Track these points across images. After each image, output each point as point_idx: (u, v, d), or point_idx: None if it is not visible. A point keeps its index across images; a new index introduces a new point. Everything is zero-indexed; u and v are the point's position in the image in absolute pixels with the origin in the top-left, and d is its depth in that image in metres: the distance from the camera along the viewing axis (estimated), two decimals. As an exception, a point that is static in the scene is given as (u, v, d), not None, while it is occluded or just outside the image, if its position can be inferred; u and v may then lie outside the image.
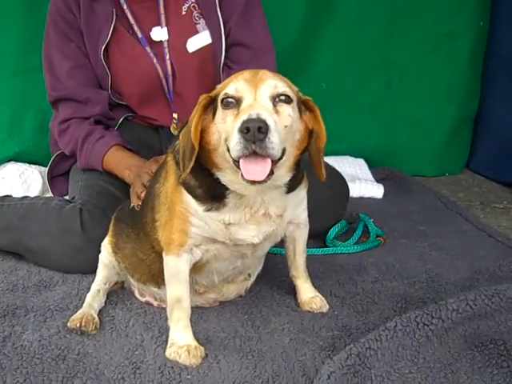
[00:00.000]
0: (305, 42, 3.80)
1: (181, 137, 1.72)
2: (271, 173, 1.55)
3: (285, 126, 1.59)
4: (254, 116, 1.49)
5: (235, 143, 1.50)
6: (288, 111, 1.61)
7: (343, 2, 3.77)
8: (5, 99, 3.32)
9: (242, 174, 1.54)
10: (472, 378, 1.63)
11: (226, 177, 1.68)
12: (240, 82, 1.61)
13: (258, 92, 1.59)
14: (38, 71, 2.79)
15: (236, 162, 1.56)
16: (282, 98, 1.61)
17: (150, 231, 1.88)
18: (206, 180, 1.71)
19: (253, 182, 1.54)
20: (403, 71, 3.93)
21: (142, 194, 2.07)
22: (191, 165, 1.63)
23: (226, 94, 1.61)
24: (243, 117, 1.51)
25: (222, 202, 1.72)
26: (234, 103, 1.60)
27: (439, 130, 3.99)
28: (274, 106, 1.59)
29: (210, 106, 1.67)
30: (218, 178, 1.69)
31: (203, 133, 1.66)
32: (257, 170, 1.53)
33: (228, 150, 1.58)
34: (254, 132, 1.47)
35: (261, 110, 1.53)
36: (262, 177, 1.53)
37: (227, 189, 1.70)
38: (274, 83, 1.61)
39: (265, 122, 1.48)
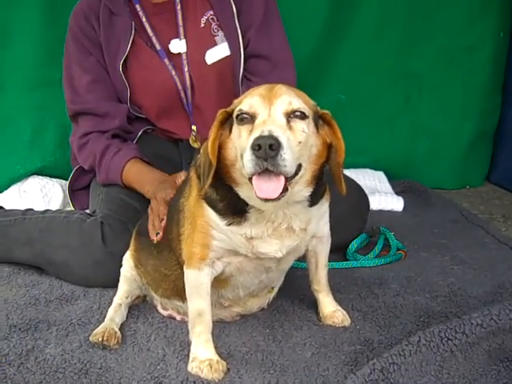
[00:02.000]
0: (324, 54, 3.80)
1: (201, 151, 1.72)
2: (285, 190, 1.54)
3: (299, 143, 1.58)
4: (266, 133, 1.48)
5: (247, 160, 1.50)
6: (302, 127, 1.60)
7: (362, 14, 3.77)
8: (26, 113, 3.35)
9: (255, 192, 1.54)
10: (497, 393, 1.62)
11: (243, 192, 1.68)
12: (255, 98, 1.61)
13: (272, 108, 1.58)
14: (58, 84, 2.81)
15: (250, 179, 1.56)
16: (297, 114, 1.60)
17: (176, 246, 1.88)
18: (227, 194, 1.71)
19: (266, 200, 1.53)
20: (422, 83, 3.91)
21: (163, 223, 2.04)
22: (209, 180, 1.63)
23: (240, 110, 1.61)
24: (255, 134, 1.50)
25: (243, 216, 1.72)
26: (248, 119, 1.60)
27: (459, 143, 3.97)
28: (288, 122, 1.58)
29: (227, 121, 1.68)
30: (238, 193, 1.69)
31: (221, 148, 1.67)
32: (270, 188, 1.52)
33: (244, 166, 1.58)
34: (266, 149, 1.46)
35: (273, 126, 1.52)
36: (275, 195, 1.52)
37: (248, 204, 1.70)
38: (288, 99, 1.60)
39: (276, 139, 1.47)
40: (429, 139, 3.97)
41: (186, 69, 2.60)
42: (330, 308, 2.05)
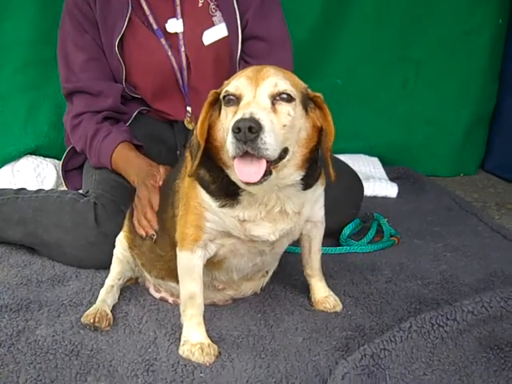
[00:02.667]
0: (321, 38, 3.79)
1: (194, 133, 1.71)
2: (268, 173, 1.53)
3: (283, 126, 1.56)
4: (247, 115, 1.47)
5: (229, 143, 1.49)
6: (287, 110, 1.58)
7: (360, 1, 3.75)
8: (19, 92, 3.29)
9: (237, 175, 1.53)
10: (487, 381, 1.62)
11: (233, 175, 1.66)
12: (241, 80, 1.59)
13: (258, 90, 1.57)
14: (53, 63, 2.78)
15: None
16: (283, 96, 1.58)
17: (170, 227, 1.88)
18: (219, 176, 1.70)
19: (247, 184, 1.52)
20: (420, 69, 3.91)
21: (154, 225, 2.03)
22: (197, 161, 1.63)
23: (226, 91, 1.60)
24: (237, 116, 1.49)
25: (235, 199, 1.71)
26: (234, 101, 1.58)
27: (455, 130, 3.97)
28: (273, 104, 1.57)
29: (218, 103, 1.67)
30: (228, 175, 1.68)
31: (210, 129, 1.66)
32: (250, 171, 1.51)
33: None
34: (245, 132, 1.44)
35: (256, 109, 1.50)
36: (256, 178, 1.51)
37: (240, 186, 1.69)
38: (274, 81, 1.58)
39: (257, 122, 1.45)
40: (425, 126, 3.98)
41: (182, 49, 2.58)
42: (322, 293, 2.05)
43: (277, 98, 1.57)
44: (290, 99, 1.59)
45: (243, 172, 1.51)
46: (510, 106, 3.92)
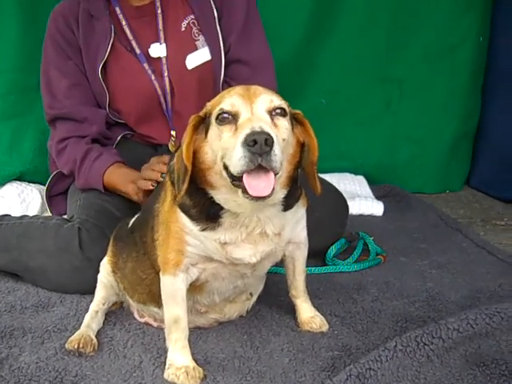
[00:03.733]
0: (304, 58, 3.81)
1: (175, 159, 1.71)
2: (273, 189, 1.54)
3: (283, 139, 1.59)
4: (258, 129, 1.48)
5: (239, 158, 1.48)
6: (284, 124, 1.61)
7: (342, 19, 3.78)
8: (3, 118, 3.30)
9: (243, 191, 1.53)
10: (473, 398, 1.62)
11: (220, 195, 1.66)
12: (235, 97, 1.60)
13: (254, 106, 1.58)
14: (36, 90, 2.79)
15: (235, 181, 1.55)
16: (278, 111, 1.60)
17: (151, 251, 1.87)
18: (201, 200, 1.70)
19: (258, 198, 1.53)
20: (403, 87, 3.93)
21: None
22: (185, 186, 1.62)
23: (221, 109, 1.59)
24: (245, 130, 1.49)
25: (216, 221, 1.71)
26: (229, 119, 1.58)
27: (439, 147, 3.99)
28: (272, 119, 1.59)
29: (202, 126, 1.66)
30: (212, 198, 1.68)
31: (196, 153, 1.65)
32: (260, 185, 1.51)
33: (225, 168, 1.57)
34: (261, 144, 1.46)
35: (262, 123, 1.52)
36: (267, 192, 1.51)
37: (222, 208, 1.69)
38: (269, 97, 1.60)
39: (269, 135, 1.47)
40: (410, 143, 3.99)
41: (165, 73, 2.59)
42: (307, 314, 2.04)
43: (273, 113, 1.60)
44: (284, 114, 1.62)
45: (253, 186, 1.51)
46: (493, 121, 3.95)
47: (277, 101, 1.61)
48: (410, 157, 4.00)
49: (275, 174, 1.53)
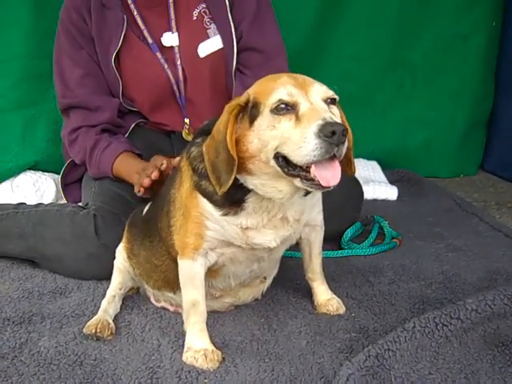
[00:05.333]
0: (316, 44, 3.79)
1: (205, 149, 1.67)
2: None
3: None
4: (330, 119, 1.48)
5: (313, 148, 1.48)
6: (338, 113, 1.63)
7: (354, 4, 3.76)
8: (15, 108, 3.29)
9: (305, 180, 1.54)
10: (493, 378, 1.61)
11: (257, 180, 1.65)
12: (289, 87, 1.58)
13: (309, 96, 1.57)
14: (49, 77, 2.79)
15: (290, 170, 1.56)
16: (329, 100, 1.61)
17: (166, 237, 1.87)
18: None
19: (326, 188, 1.53)
20: (416, 72, 3.92)
21: (153, 175, 2.16)
22: (232, 177, 1.59)
23: (280, 100, 1.56)
24: (318, 121, 1.48)
25: (240, 206, 1.71)
26: (288, 109, 1.56)
27: (453, 131, 3.97)
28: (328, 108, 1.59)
29: (240, 114, 1.64)
30: (239, 183, 1.66)
31: (238, 141, 1.63)
32: (330, 175, 1.53)
33: (275, 157, 1.56)
34: (339, 135, 1.46)
35: (327, 113, 1.52)
36: (337, 181, 1.53)
37: (246, 193, 1.68)
38: (321, 87, 1.61)
39: (343, 125, 1.48)
40: (423, 128, 3.97)
41: (178, 62, 2.59)
42: (324, 296, 2.05)
43: (326, 102, 1.60)
44: (334, 102, 1.63)
45: (325, 177, 1.52)
46: (506, 105, 3.93)
47: (328, 91, 1.62)
48: (423, 142, 3.98)
49: None
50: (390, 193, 3.42)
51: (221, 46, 2.59)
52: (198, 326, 1.77)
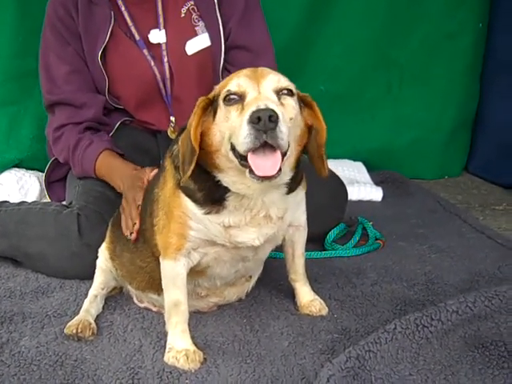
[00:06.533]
0: (303, 43, 3.81)
1: (180, 142, 1.70)
2: (280, 169, 1.54)
3: (290, 118, 1.60)
4: (263, 106, 1.49)
5: (245, 135, 1.49)
6: (291, 104, 1.62)
7: (342, 3, 3.78)
8: (0, 105, 3.28)
9: (250, 171, 1.54)
10: (473, 379, 1.62)
11: (227, 178, 1.67)
12: (242, 78, 1.61)
13: (261, 86, 1.59)
14: (34, 76, 2.78)
15: (242, 160, 1.56)
16: (285, 91, 1.62)
17: (150, 237, 1.87)
18: (206, 183, 1.70)
19: (263, 179, 1.53)
20: (403, 72, 3.94)
21: (136, 226, 1.99)
22: (191, 167, 1.61)
23: (228, 90, 1.60)
24: (251, 108, 1.50)
25: (221, 204, 1.71)
26: (236, 99, 1.59)
27: (438, 133, 3.99)
28: (278, 99, 1.60)
29: (209, 108, 1.67)
30: (218, 181, 1.68)
31: (203, 135, 1.65)
32: (267, 165, 1.52)
33: (232, 149, 1.58)
34: (266, 121, 1.47)
35: (268, 101, 1.52)
36: (274, 171, 1.52)
37: (227, 191, 1.69)
38: (276, 77, 1.62)
39: (274, 111, 1.48)
40: (409, 129, 3.99)
41: (165, 59, 2.58)
42: (307, 297, 2.05)
43: (280, 93, 1.61)
44: (291, 94, 1.63)
45: (260, 166, 1.52)
46: (491, 107, 3.96)
47: (284, 81, 1.63)
48: (408, 143, 4.00)
49: (283, 154, 1.54)
50: (375, 194, 3.43)
51: (209, 43, 2.58)
52: (179, 326, 1.77)
